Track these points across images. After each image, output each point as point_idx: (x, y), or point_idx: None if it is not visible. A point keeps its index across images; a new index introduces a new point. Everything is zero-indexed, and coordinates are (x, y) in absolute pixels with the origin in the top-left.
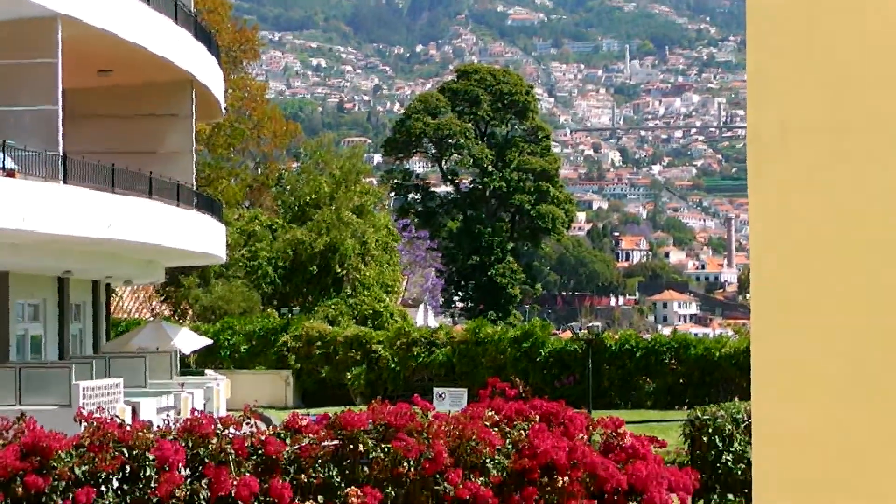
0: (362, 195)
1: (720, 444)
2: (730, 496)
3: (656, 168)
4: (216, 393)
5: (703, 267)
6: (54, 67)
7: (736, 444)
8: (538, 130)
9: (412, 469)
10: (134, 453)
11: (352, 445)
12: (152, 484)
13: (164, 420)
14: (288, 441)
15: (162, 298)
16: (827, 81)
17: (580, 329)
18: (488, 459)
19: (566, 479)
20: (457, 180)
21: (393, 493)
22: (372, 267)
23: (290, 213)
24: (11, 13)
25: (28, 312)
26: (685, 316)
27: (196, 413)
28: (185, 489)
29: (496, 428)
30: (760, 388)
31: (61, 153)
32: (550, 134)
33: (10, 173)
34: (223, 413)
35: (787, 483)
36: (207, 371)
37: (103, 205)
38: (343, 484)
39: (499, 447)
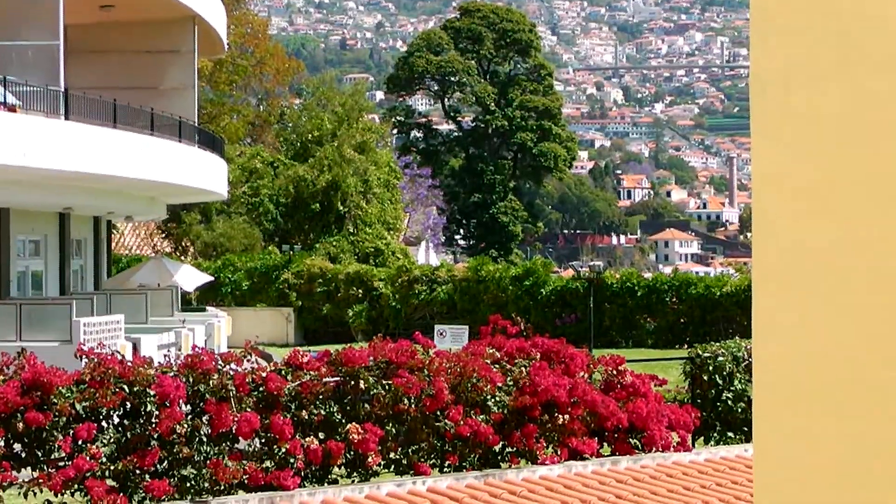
0: (364, 132)
1: (720, 382)
2: (730, 434)
3: (658, 107)
4: (217, 330)
5: (704, 206)
6: (56, 2)
7: (736, 382)
8: (541, 69)
9: (413, 406)
10: (135, 389)
11: (353, 382)
12: (153, 420)
13: (164, 356)
14: (289, 377)
15: (163, 235)
16: (831, 20)
17: (581, 267)
18: (489, 397)
19: (567, 417)
20: (459, 118)
21: (394, 430)
22: (374, 204)
23: (292, 150)
24: None
25: (29, 248)
26: (686, 255)
27: (197, 349)
28: (185, 425)
29: (497, 365)
30: (761, 328)
31: (63, 89)
32: (553, 72)
33: (12, 108)
34: (224, 350)
35: (788, 422)
36: (208, 308)
37: (105, 141)
38: (344, 420)
39: (500, 384)
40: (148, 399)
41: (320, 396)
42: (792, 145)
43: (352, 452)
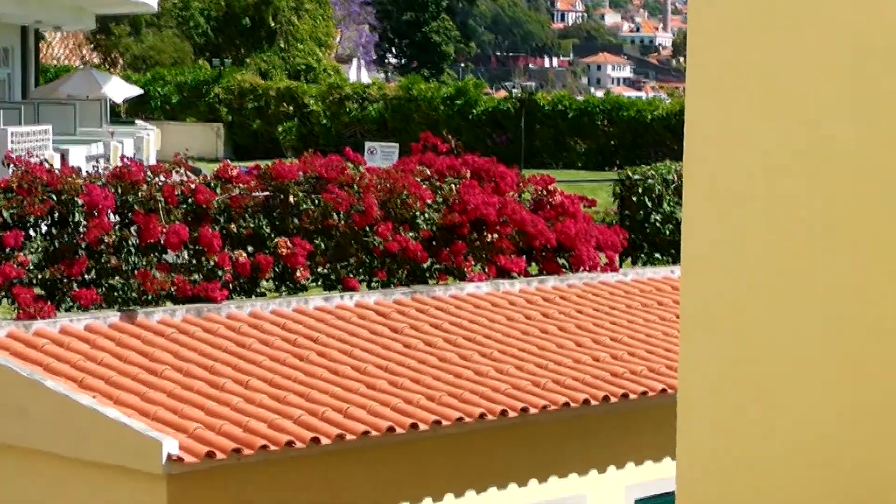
0: None
1: (649, 204)
2: (657, 255)
3: None
4: (146, 143)
5: (638, 30)
6: None
7: (665, 204)
8: None
9: (342, 221)
10: (63, 198)
11: (282, 196)
12: (81, 229)
13: (93, 167)
14: (218, 190)
15: (92, 46)
16: None
17: (513, 88)
18: (418, 214)
19: (495, 235)
20: None
21: (323, 245)
22: (305, 20)
23: None
24: None
25: None
26: (619, 79)
27: (126, 161)
28: (113, 235)
29: (427, 183)
30: (693, 148)
31: None
32: None
33: None
34: (153, 163)
35: (715, 241)
36: (137, 121)
37: None
38: (273, 234)
39: (429, 202)
40: (76, 208)
41: (249, 210)
42: None
43: (280, 266)
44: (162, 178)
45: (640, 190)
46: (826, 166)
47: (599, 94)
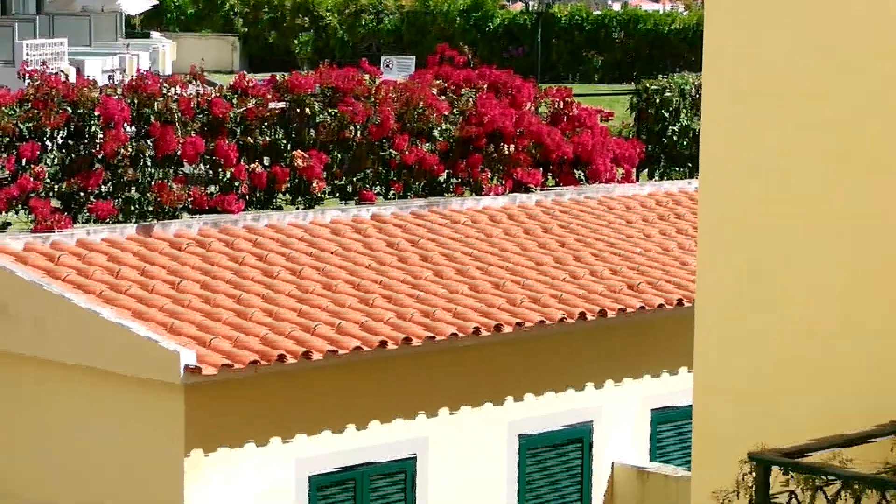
0: None
1: (666, 116)
2: (674, 168)
3: None
4: (162, 56)
5: None
6: None
7: (682, 116)
8: None
9: (359, 133)
10: (79, 110)
11: (298, 108)
12: (97, 141)
13: (109, 79)
14: (234, 102)
15: None
16: None
17: (530, 1)
18: (435, 126)
19: (512, 148)
20: None
21: (339, 157)
22: None
23: None
24: None
25: None
26: None
27: (142, 73)
28: (130, 147)
29: (443, 95)
30: (711, 59)
31: None
32: None
33: None
34: (169, 75)
35: (732, 156)
36: (153, 34)
37: None
38: (289, 146)
39: (445, 114)
40: (92, 120)
41: (265, 122)
42: None
43: (297, 179)
44: (178, 90)
45: (657, 102)
46: (849, 79)
47: (616, 6)
